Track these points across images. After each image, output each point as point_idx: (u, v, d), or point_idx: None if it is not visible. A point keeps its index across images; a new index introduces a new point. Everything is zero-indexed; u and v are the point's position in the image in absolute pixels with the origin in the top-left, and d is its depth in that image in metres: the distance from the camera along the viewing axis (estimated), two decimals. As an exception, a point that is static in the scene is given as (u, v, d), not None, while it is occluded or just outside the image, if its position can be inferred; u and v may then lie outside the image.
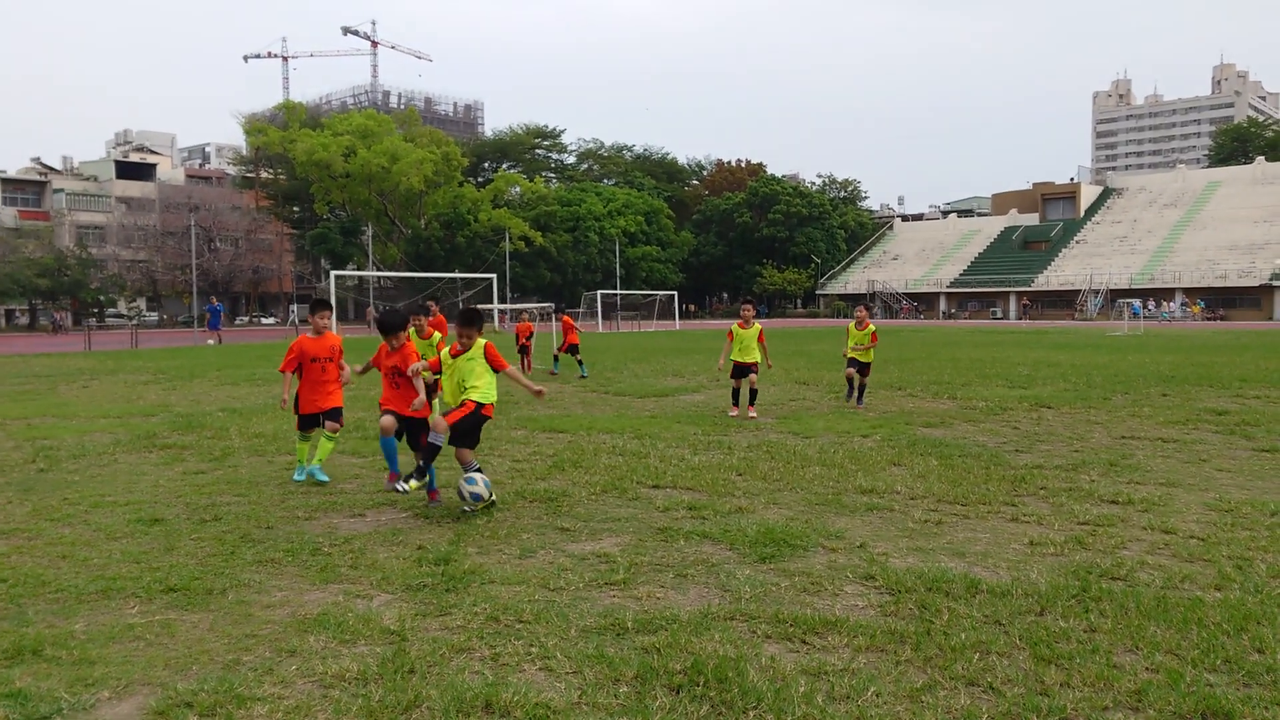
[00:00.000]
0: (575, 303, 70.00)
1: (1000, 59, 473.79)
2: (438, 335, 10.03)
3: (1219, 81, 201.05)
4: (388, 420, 7.41)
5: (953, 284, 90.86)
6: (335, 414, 8.39)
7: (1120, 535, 6.19)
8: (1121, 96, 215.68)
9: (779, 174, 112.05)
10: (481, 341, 7.02)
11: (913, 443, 10.10)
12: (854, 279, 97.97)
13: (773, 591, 5.03)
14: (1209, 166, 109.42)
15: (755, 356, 12.61)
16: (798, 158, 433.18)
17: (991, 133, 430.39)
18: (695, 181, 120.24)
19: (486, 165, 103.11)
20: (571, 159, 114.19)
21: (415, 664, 4.03)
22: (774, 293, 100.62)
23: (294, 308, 66.53)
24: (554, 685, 3.83)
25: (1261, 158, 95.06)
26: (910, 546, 5.97)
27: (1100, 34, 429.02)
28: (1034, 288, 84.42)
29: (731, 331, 12.71)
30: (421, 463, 6.92)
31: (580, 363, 20.13)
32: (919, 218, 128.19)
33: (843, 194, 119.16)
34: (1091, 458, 9.13)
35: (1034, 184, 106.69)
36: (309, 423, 8.43)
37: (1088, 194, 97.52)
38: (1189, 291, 75.20)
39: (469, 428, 6.89)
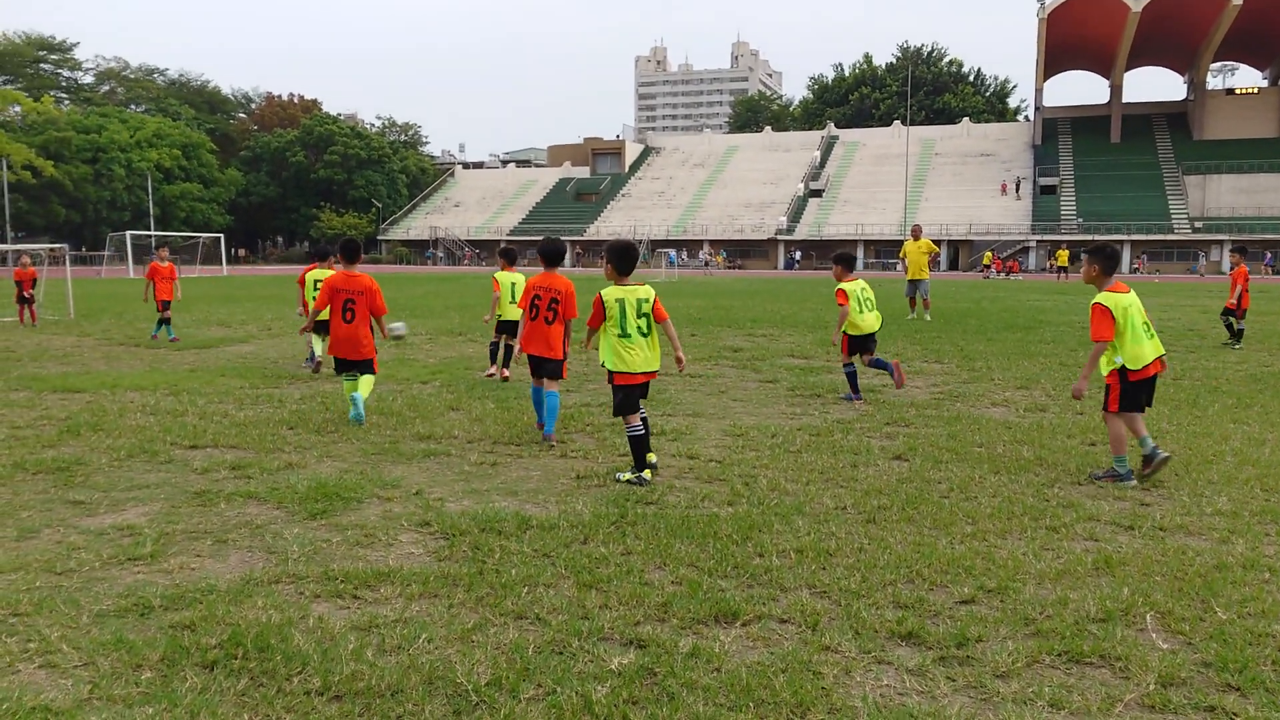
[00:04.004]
0: (99, 245, 61.60)
1: (554, 15, 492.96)
2: None
3: (737, 57, 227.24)
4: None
5: (512, 232, 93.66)
6: None
7: (656, 462, 6.79)
8: (659, 63, 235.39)
9: (336, 113, 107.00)
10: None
11: (471, 387, 10.26)
12: (416, 225, 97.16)
13: (323, 548, 4.82)
14: (729, 132, 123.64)
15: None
16: (355, 97, 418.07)
17: (548, 87, 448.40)
18: (242, 115, 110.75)
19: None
20: (89, 79, 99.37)
21: None
22: (334, 238, 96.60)
23: None
24: (58, 683, 3.32)
25: (769, 127, 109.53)
26: (466, 489, 6.05)
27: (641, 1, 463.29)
28: (586, 237, 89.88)
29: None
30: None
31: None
32: (480, 166, 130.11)
33: (403, 138, 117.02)
34: (632, 394, 9.92)
35: (585, 139, 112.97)
36: None
37: (631, 151, 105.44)
38: (714, 243, 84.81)
39: None
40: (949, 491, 6.03)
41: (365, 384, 8.32)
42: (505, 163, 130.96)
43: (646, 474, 6.17)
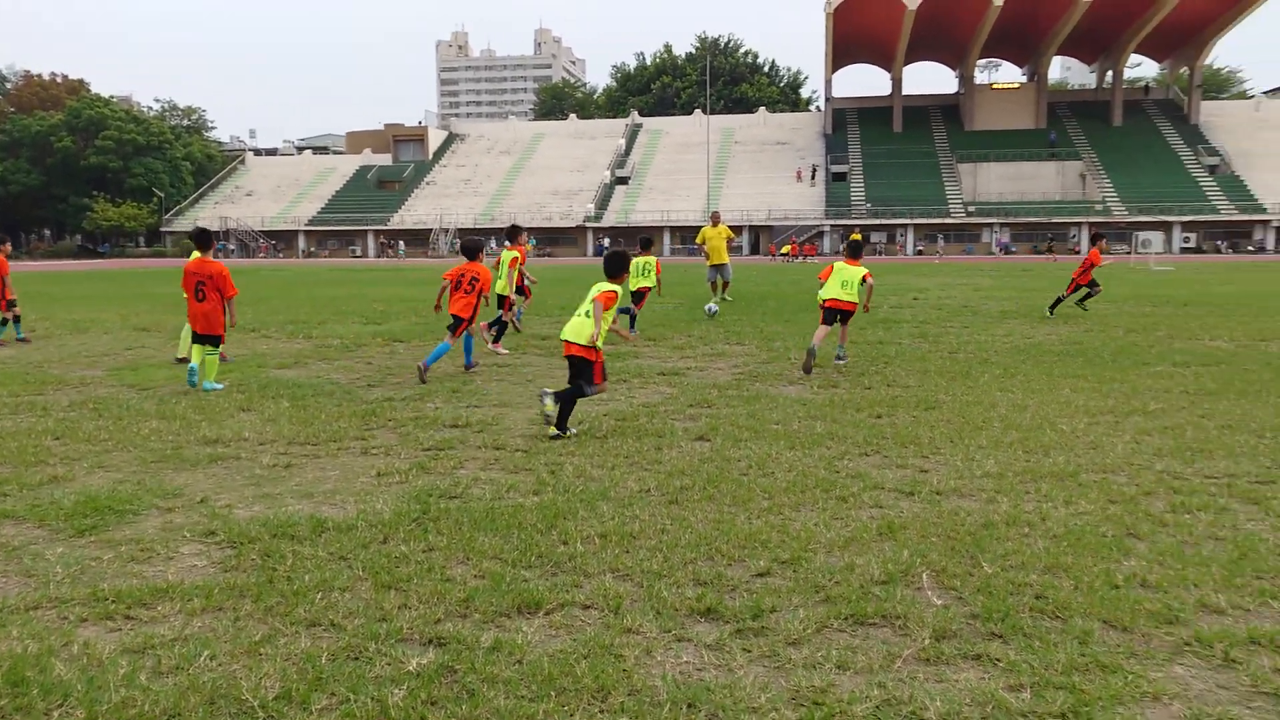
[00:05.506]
0: None
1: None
2: None
3: (540, 44, 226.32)
4: None
5: (311, 222, 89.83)
6: None
7: (459, 456, 6.68)
8: (460, 48, 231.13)
9: (108, 95, 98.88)
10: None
11: (264, 385, 9.75)
12: (204, 215, 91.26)
13: (92, 567, 4.44)
14: (535, 119, 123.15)
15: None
16: (129, 78, 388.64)
17: (344, 72, 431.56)
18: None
19: None
20: None
21: None
22: (111, 230, 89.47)
23: None
24: None
25: (574, 115, 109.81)
26: (257, 494, 5.73)
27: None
28: (390, 226, 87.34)
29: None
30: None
31: None
32: (273, 153, 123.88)
33: (186, 122, 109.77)
34: (437, 386, 9.73)
35: (386, 125, 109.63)
36: None
37: (435, 138, 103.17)
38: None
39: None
40: (748, 469, 6.23)
41: (210, 365, 9.66)
42: (301, 149, 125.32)
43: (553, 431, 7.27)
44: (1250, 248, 72.31)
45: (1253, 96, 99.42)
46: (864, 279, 10.91)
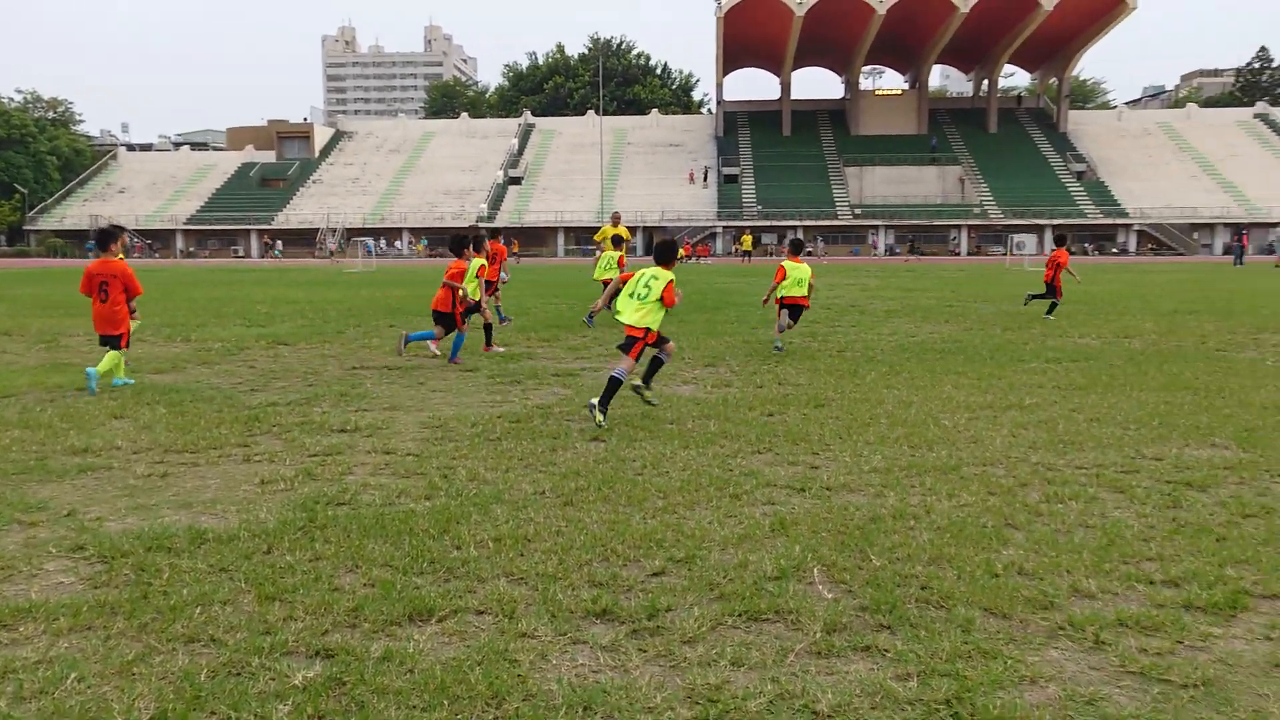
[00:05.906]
0: None
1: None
2: None
3: (430, 41, 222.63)
4: None
5: (190, 220, 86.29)
6: None
7: (347, 461, 6.50)
8: (348, 44, 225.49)
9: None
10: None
11: (139, 391, 9.30)
12: (73, 213, 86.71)
13: (-55, 588, 4.14)
14: (425, 118, 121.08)
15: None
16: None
17: (224, 64, 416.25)
18: None
19: None
20: None
21: None
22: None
23: None
24: None
25: (466, 114, 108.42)
26: (130, 506, 5.46)
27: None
28: (275, 225, 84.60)
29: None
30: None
31: None
32: (148, 148, 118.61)
33: (51, 115, 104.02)
34: (324, 390, 9.45)
35: (269, 121, 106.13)
36: None
37: (321, 135, 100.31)
38: (414, 231, 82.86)
39: None
40: (642, 469, 6.25)
41: (108, 359, 9.47)
42: (178, 145, 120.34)
43: (599, 417, 7.55)
44: (1114, 250, 76.41)
45: (1115, 107, 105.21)
46: (810, 282, 12.76)
